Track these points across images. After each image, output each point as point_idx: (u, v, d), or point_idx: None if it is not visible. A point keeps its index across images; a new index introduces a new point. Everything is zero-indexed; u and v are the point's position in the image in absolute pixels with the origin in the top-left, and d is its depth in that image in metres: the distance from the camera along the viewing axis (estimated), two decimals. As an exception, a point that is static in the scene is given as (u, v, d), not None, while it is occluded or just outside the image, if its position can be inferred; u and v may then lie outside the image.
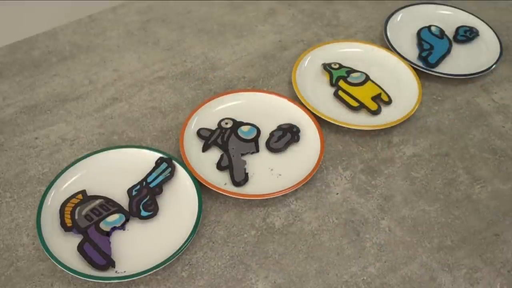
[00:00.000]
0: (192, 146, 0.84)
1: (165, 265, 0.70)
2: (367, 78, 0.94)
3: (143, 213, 0.75)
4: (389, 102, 0.91)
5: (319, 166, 0.81)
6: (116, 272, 0.70)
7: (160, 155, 0.81)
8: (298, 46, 1.02)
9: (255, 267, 0.73)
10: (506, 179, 0.84)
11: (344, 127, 0.87)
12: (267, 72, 0.97)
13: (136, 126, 0.88)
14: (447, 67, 0.98)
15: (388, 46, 1.00)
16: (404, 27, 1.06)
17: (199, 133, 0.85)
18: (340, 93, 0.92)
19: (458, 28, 1.06)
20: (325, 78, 0.95)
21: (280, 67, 0.98)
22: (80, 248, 0.71)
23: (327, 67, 0.95)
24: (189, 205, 0.76)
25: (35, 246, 0.73)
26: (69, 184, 0.78)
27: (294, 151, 0.85)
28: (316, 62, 0.97)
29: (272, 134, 0.86)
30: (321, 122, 0.87)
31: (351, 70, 0.95)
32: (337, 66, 0.96)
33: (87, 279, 0.68)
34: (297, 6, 1.11)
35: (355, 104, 0.91)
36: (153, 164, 0.80)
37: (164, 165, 0.79)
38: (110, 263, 0.70)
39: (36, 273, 0.71)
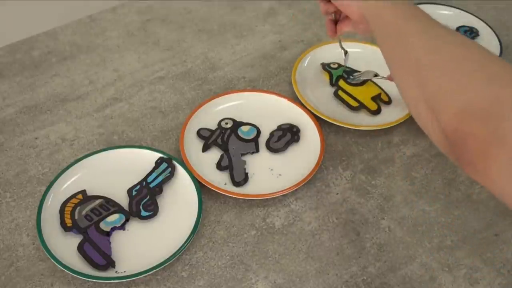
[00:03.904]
0: (192, 146, 0.84)
1: (165, 265, 0.70)
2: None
3: (143, 213, 0.75)
4: (389, 102, 0.91)
5: (319, 166, 0.81)
6: (116, 272, 0.70)
7: (160, 155, 0.81)
8: (298, 46, 1.02)
9: (255, 267, 0.73)
10: (506, 179, 0.84)
11: (344, 127, 0.87)
12: (267, 72, 0.97)
13: (136, 126, 0.88)
14: (447, 67, 0.98)
15: (388, 46, 1.00)
16: (404, 27, 1.05)
17: (199, 133, 0.85)
18: (340, 93, 0.92)
19: (458, 28, 1.06)
20: (325, 78, 0.95)
21: (280, 67, 0.98)
22: (80, 248, 0.71)
23: (326, 67, 0.95)
24: (189, 205, 0.76)
25: (35, 246, 0.73)
26: (69, 184, 0.78)
27: (294, 151, 0.85)
28: (316, 62, 0.97)
29: (272, 134, 0.86)
30: (321, 122, 0.87)
31: (351, 70, 0.95)
32: (336, 65, 0.95)
33: (87, 279, 0.68)
34: (297, 6, 1.11)
35: (355, 104, 0.91)
36: (153, 164, 0.80)
37: (164, 165, 0.79)
38: (110, 263, 0.70)
39: (36, 273, 0.71)
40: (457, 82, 0.52)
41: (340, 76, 0.94)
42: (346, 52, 0.92)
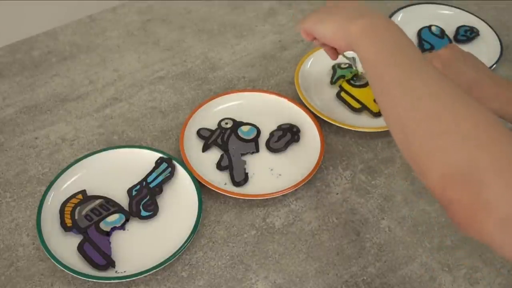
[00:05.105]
0: (192, 146, 0.84)
1: (165, 265, 0.70)
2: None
3: (143, 213, 0.75)
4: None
5: (319, 166, 0.81)
6: (116, 272, 0.70)
7: (160, 155, 0.81)
8: (298, 46, 1.02)
9: (255, 267, 0.73)
10: (506, 179, 0.84)
11: (344, 127, 0.87)
12: (267, 72, 0.97)
13: (136, 126, 0.88)
14: (447, 67, 0.98)
15: (388, 46, 1.00)
16: (405, 27, 1.04)
17: (199, 133, 0.85)
18: (343, 94, 0.92)
19: (458, 28, 1.06)
20: (327, 79, 0.95)
21: (280, 67, 0.98)
22: (80, 248, 0.71)
23: (335, 66, 0.95)
24: (189, 205, 0.76)
25: (35, 246, 0.73)
26: (69, 184, 0.78)
27: (294, 151, 0.85)
28: (318, 64, 0.96)
29: (272, 134, 0.86)
30: (321, 122, 0.87)
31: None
32: (346, 66, 0.94)
33: (87, 279, 0.68)
34: (297, 6, 1.11)
35: (357, 105, 0.90)
36: (153, 164, 0.80)
37: (164, 165, 0.79)
38: (110, 263, 0.70)
39: (36, 273, 0.71)
40: (435, 144, 0.52)
41: (341, 76, 0.93)
42: (353, 58, 0.90)
